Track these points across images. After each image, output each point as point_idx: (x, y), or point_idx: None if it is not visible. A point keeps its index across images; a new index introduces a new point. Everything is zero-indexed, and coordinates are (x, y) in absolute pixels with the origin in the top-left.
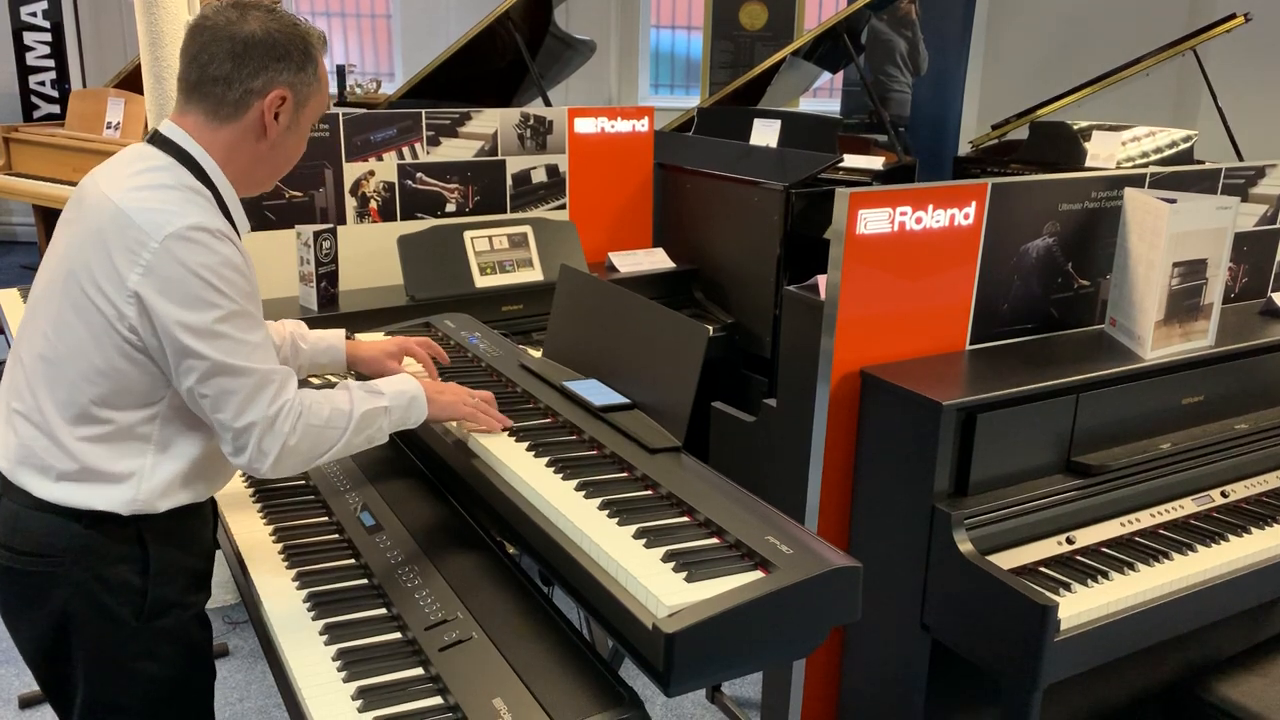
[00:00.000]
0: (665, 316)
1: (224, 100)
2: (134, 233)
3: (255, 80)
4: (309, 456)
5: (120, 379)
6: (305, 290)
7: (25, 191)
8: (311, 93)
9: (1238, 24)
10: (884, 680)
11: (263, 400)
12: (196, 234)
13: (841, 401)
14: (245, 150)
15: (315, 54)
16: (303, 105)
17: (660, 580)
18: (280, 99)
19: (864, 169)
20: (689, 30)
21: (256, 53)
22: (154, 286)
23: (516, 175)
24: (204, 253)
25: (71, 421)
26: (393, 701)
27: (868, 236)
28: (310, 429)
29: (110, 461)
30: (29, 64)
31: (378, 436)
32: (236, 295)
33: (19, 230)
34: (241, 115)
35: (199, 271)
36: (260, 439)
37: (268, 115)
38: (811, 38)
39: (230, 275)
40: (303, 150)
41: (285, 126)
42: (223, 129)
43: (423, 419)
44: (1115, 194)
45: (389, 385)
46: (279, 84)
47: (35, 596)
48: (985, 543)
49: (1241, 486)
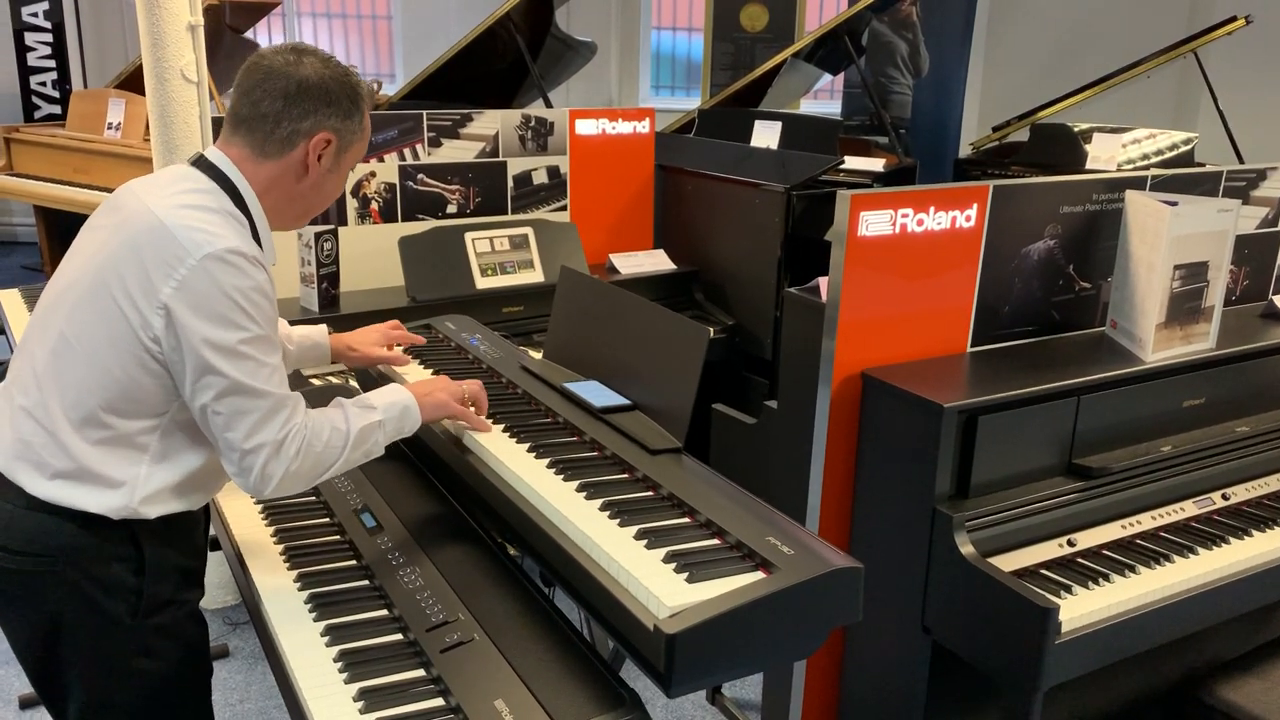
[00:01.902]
0: (666, 318)
1: (271, 137)
2: (173, 247)
3: (304, 121)
4: (310, 478)
5: (132, 387)
6: (306, 291)
7: (26, 192)
8: (354, 139)
9: (1238, 26)
10: (884, 683)
11: (275, 424)
12: (234, 257)
13: (843, 403)
14: (285, 187)
15: (363, 104)
16: (345, 150)
17: (661, 581)
18: (326, 141)
19: (865, 171)
20: (690, 32)
21: (309, 96)
22: (186, 301)
23: (517, 176)
24: (239, 276)
25: (76, 423)
26: (394, 703)
27: (869, 238)
28: (312, 453)
29: (106, 466)
30: (30, 64)
31: (375, 450)
32: (263, 320)
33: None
34: (286, 153)
35: (231, 293)
36: (266, 462)
37: (311, 156)
38: (812, 39)
39: (259, 300)
40: (339, 194)
41: (326, 169)
42: (266, 163)
43: (417, 426)
44: (1116, 196)
45: (380, 398)
46: (326, 127)
47: (29, 596)
48: (986, 545)
49: (1243, 489)
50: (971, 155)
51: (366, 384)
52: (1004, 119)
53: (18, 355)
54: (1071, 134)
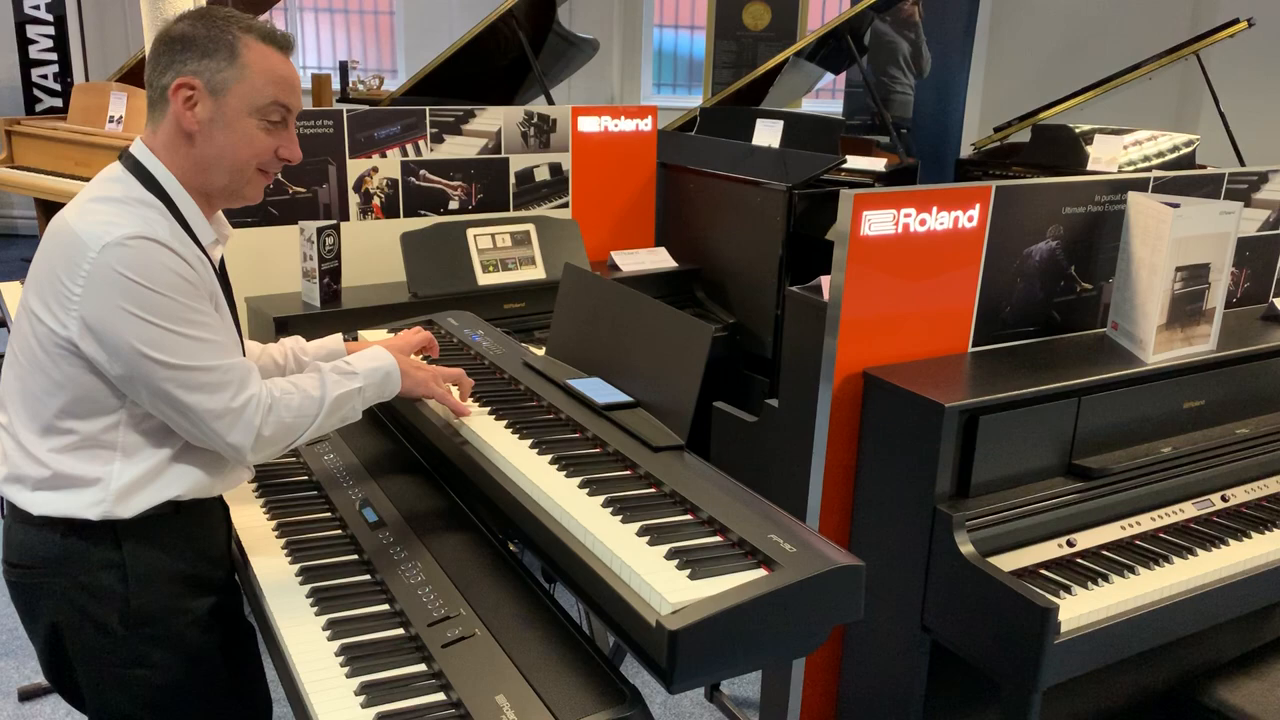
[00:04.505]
0: (669, 315)
1: (151, 102)
2: (77, 245)
3: (165, 76)
4: (284, 443)
5: (76, 389)
6: (308, 286)
7: (27, 185)
8: (229, 79)
9: (1240, 29)
10: (883, 681)
11: (224, 394)
12: (134, 242)
13: (844, 402)
14: (180, 151)
15: (232, 41)
16: (219, 92)
17: (663, 577)
18: (188, 87)
19: (866, 170)
20: (692, 30)
21: (167, 49)
22: (94, 298)
23: (520, 173)
24: (137, 258)
25: (39, 434)
26: (395, 697)
27: (872, 238)
28: (281, 421)
29: (78, 468)
30: (32, 57)
31: (351, 416)
32: (178, 295)
33: (20, 224)
34: (165, 113)
35: (133, 277)
36: (229, 429)
37: (176, 105)
38: (814, 38)
39: (168, 278)
40: (254, 149)
41: (207, 119)
42: (158, 132)
43: (396, 393)
44: (1118, 198)
45: (363, 362)
46: (184, 73)
47: (30, 607)
48: (986, 544)
49: (1242, 491)
50: (973, 155)
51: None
52: (1006, 119)
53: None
54: (1073, 135)
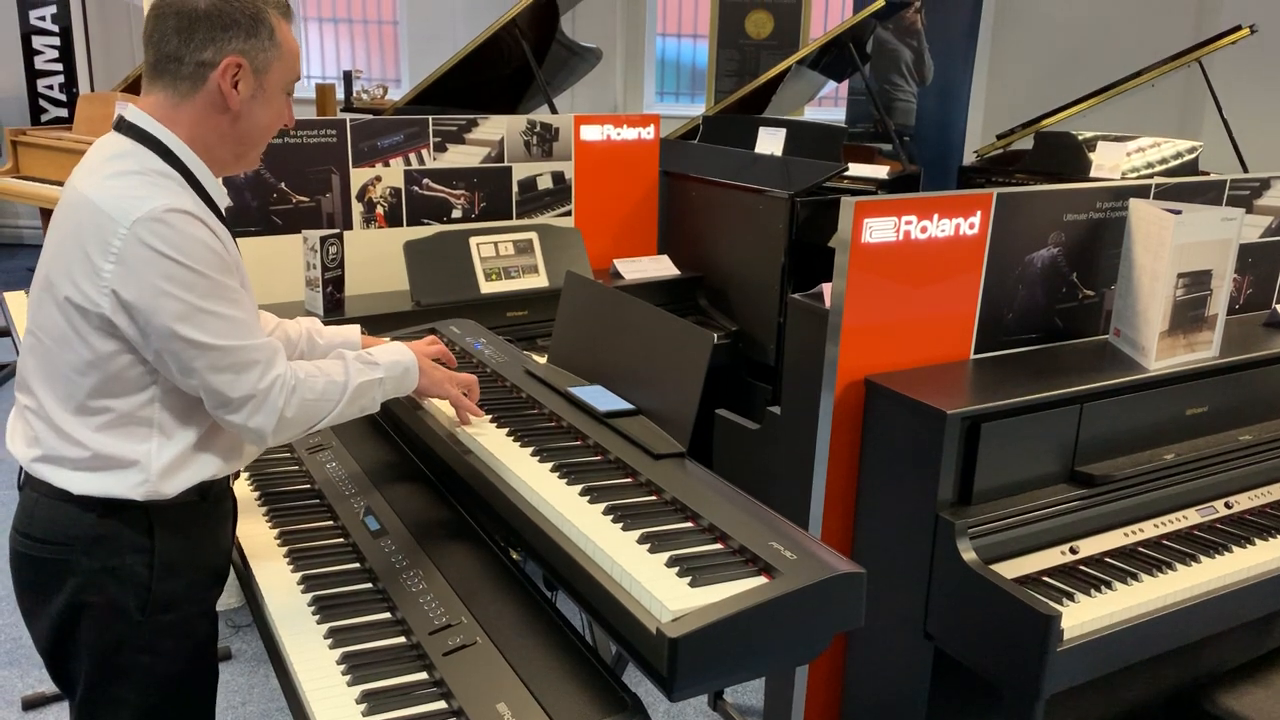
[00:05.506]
0: (670, 323)
1: (179, 76)
2: (104, 221)
3: (205, 51)
4: (305, 426)
5: (109, 367)
6: (311, 295)
7: (32, 194)
8: (271, 59)
9: (1243, 36)
10: (886, 689)
11: (252, 375)
12: (166, 214)
13: (846, 409)
14: (211, 125)
15: (268, 19)
16: (263, 71)
17: (664, 585)
18: (236, 66)
19: (869, 178)
20: (695, 38)
21: (203, 25)
22: (128, 274)
23: (522, 182)
24: (172, 234)
25: (74, 413)
26: (397, 706)
27: (873, 245)
28: (305, 402)
29: (118, 447)
30: (37, 68)
31: (370, 406)
32: (214, 271)
33: (25, 233)
34: (199, 89)
35: (169, 253)
36: (253, 413)
37: (225, 85)
38: (817, 47)
39: (203, 254)
40: (283, 121)
41: (249, 96)
42: (183, 105)
43: (414, 389)
44: (1120, 205)
45: (385, 355)
46: (230, 51)
47: (49, 583)
48: (989, 552)
49: (1245, 498)
50: (975, 163)
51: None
52: (1008, 127)
53: (19, 359)
54: (1076, 142)
